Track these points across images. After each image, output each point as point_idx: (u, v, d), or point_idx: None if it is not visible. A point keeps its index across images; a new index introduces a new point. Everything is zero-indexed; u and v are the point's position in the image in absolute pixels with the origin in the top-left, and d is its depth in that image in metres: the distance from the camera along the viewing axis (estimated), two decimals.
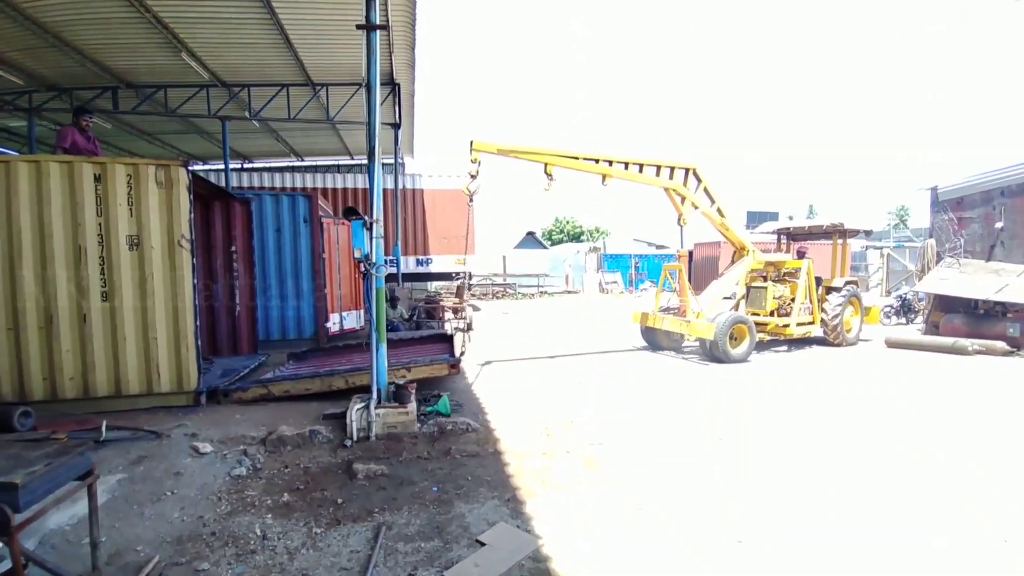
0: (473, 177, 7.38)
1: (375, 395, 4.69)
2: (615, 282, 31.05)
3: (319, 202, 9.80)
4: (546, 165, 7.68)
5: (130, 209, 5.51)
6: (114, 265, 5.46)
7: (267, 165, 20.62)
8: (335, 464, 4.18)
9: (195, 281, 5.65)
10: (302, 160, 21.25)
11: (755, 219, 37.32)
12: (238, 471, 3.97)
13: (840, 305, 9.50)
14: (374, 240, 4.59)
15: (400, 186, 15.29)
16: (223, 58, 11.49)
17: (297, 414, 5.27)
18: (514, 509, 3.48)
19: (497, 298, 25.57)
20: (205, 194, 7.89)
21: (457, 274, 17.26)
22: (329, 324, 9.93)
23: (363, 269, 4.62)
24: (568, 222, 56.41)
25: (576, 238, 52.26)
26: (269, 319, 9.41)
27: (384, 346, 4.80)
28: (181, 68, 11.57)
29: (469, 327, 12.82)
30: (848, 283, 9.96)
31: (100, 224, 5.44)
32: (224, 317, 8.20)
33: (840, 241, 10.22)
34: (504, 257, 29.05)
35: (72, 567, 2.74)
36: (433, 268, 17.08)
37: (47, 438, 4.39)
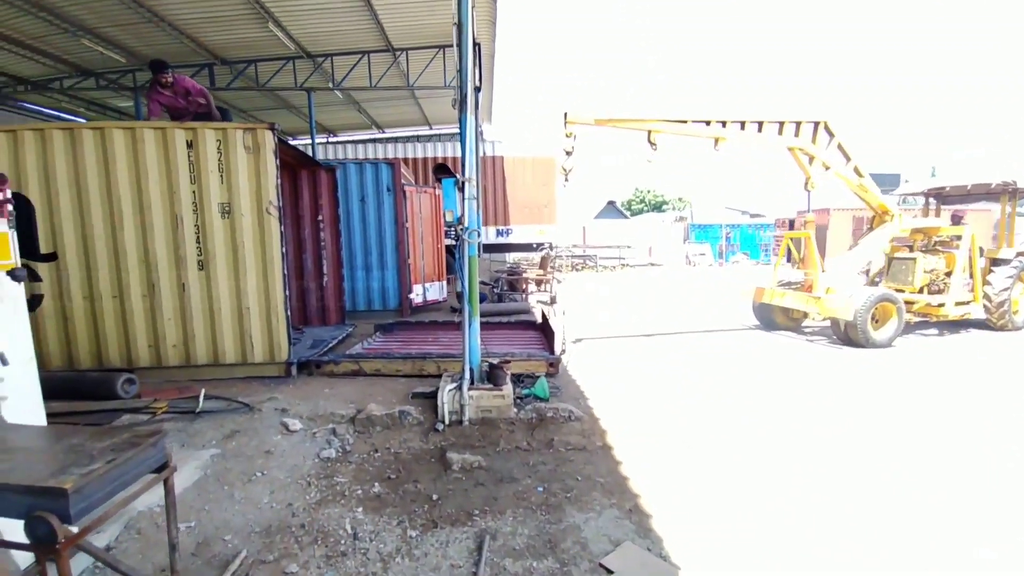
0: (568, 153, 6.69)
1: (467, 375, 4.24)
2: (703, 254, 28.99)
3: (402, 170, 9.51)
4: (649, 133, 6.77)
5: (221, 176, 5.39)
6: (208, 233, 5.39)
7: (350, 138, 20.99)
8: (427, 451, 3.79)
9: (283, 250, 5.48)
10: (383, 132, 21.44)
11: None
12: (327, 453, 3.69)
13: (1011, 279, 7.78)
14: (467, 201, 4.05)
15: (480, 153, 14.79)
16: (307, 26, 11.43)
17: (385, 391, 4.99)
18: (639, 524, 2.87)
19: (576, 270, 24.73)
20: (292, 162, 7.80)
21: (539, 244, 16.64)
22: (412, 295, 9.75)
23: (454, 234, 4.11)
24: (649, 191, 53.65)
25: (658, 208, 49.63)
26: (355, 289, 9.38)
27: (477, 321, 4.31)
28: (269, 40, 11.69)
29: (553, 300, 12.25)
30: (1020, 254, 8.14)
31: (194, 192, 5.37)
32: (313, 287, 8.20)
33: (1009, 203, 8.34)
34: (584, 228, 27.98)
35: (158, 558, 2.52)
36: (513, 239, 16.56)
37: (147, 407, 4.41)
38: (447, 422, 4.14)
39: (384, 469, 3.52)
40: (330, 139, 20.74)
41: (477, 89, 14.73)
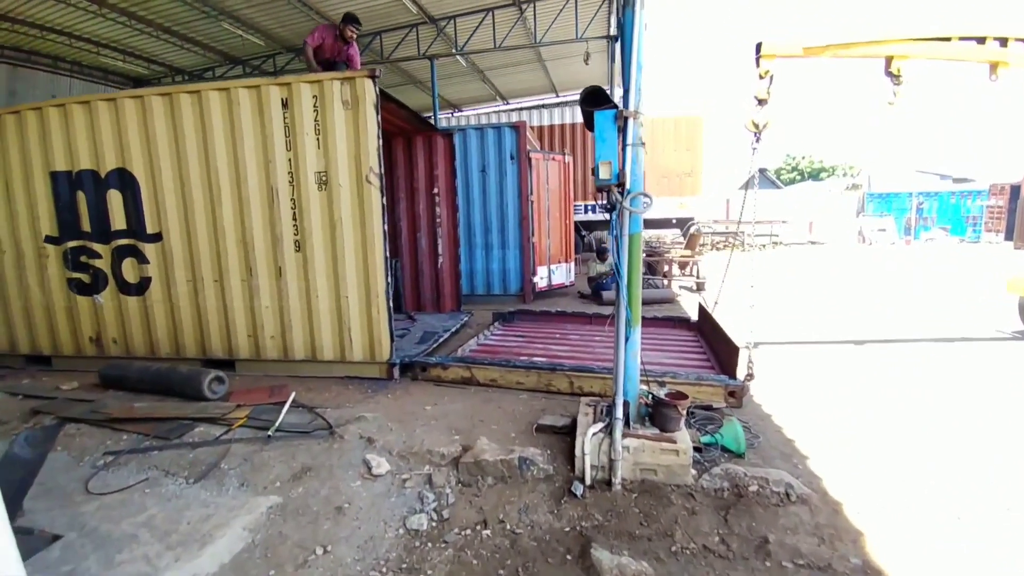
0: (762, 102, 4.15)
1: (620, 412, 2.81)
2: (883, 229, 23.78)
3: (527, 135, 8.21)
4: (889, 60, 4.46)
5: (317, 139, 4.53)
6: (304, 208, 4.60)
7: (475, 111, 20.34)
8: (559, 534, 2.48)
9: (384, 227, 4.50)
10: (507, 103, 20.44)
11: None
12: (416, 520, 2.56)
13: None
14: (630, 149, 2.57)
15: None
16: None
17: (500, 412, 3.78)
18: None
19: (717, 249, 21.66)
20: (407, 128, 6.91)
21: (678, 220, 14.44)
22: (536, 279, 8.53)
23: (610, 201, 2.66)
24: (803, 157, 46.32)
25: (815, 176, 42.66)
26: (473, 271, 8.40)
27: (637, 333, 2.83)
28: (392, 6, 11.11)
29: (700, 287, 10.24)
30: None
31: (290, 160, 4.59)
32: (428, 269, 7.35)
33: None
34: (728, 200, 24.48)
35: None
36: (648, 214, 14.51)
37: (225, 416, 3.68)
38: (588, 482, 2.79)
39: (494, 565, 2.28)
40: (454, 113, 20.30)
41: (615, 38, 12.76)
